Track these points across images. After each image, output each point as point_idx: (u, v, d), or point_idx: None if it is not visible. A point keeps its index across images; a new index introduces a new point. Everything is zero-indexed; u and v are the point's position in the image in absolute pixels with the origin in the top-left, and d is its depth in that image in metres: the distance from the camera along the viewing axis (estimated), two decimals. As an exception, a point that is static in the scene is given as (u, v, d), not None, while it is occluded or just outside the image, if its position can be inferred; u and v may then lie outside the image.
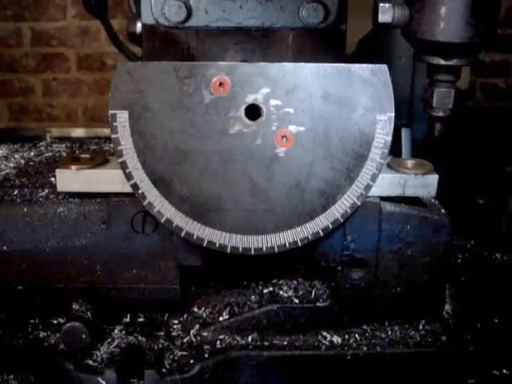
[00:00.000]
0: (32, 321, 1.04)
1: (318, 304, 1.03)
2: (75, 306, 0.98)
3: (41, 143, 1.29)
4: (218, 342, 1.01)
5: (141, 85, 0.87)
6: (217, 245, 0.91)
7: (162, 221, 0.90)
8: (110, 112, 0.87)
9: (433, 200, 1.03)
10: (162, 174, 0.88)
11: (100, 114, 3.77)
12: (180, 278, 1.00)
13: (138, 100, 0.87)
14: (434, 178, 0.98)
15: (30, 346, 1.00)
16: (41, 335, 1.02)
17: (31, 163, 1.15)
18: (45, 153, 1.22)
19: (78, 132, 3.66)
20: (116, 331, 1.03)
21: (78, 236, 0.97)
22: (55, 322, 1.04)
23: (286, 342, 1.01)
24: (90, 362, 0.96)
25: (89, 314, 0.97)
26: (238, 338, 1.01)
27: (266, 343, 1.01)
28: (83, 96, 3.76)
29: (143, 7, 1.16)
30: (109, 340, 1.01)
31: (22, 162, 1.16)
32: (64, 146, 1.28)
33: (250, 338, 1.01)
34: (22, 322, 1.04)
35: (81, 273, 0.99)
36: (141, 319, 1.06)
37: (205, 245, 0.91)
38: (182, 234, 0.90)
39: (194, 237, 0.90)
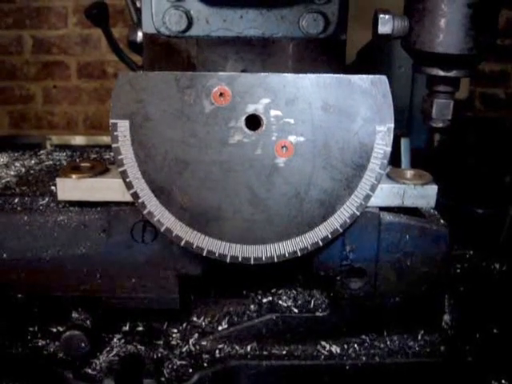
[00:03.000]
0: (31, 329, 1.04)
1: (317, 314, 1.03)
2: (74, 315, 0.98)
3: (41, 151, 1.29)
4: (217, 352, 1.01)
5: (142, 94, 0.87)
6: (216, 254, 0.91)
7: (162, 230, 0.90)
8: (111, 121, 0.87)
9: (432, 210, 1.04)
10: (162, 183, 0.89)
11: (100, 122, 3.79)
12: (179, 287, 1.00)
13: (139, 109, 0.87)
14: (433, 189, 0.98)
15: (28, 355, 1.00)
16: (40, 343, 1.02)
17: (32, 171, 1.15)
18: (45, 161, 1.22)
19: (78, 140, 3.67)
20: (115, 340, 1.03)
21: (78, 244, 0.97)
22: (54, 330, 1.04)
23: (284, 352, 1.01)
24: (89, 371, 0.96)
25: (88, 322, 0.97)
26: (237, 348, 1.01)
27: (265, 353, 1.01)
28: (83, 104, 3.78)
29: (144, 16, 1.17)
30: (108, 349, 1.01)
31: (23, 170, 1.16)
32: (64, 154, 1.28)
33: (248, 348, 1.01)
34: (21, 330, 1.04)
35: (80, 281, 0.99)
36: (140, 328, 1.06)
37: (204, 254, 0.91)
38: (182, 244, 0.90)
39: (194, 246, 0.91)
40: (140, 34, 1.40)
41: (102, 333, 1.03)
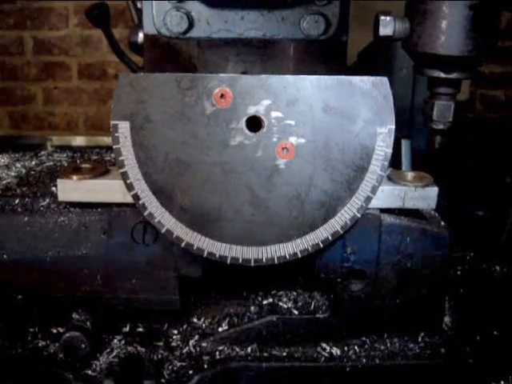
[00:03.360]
0: (31, 330, 1.04)
1: (318, 315, 1.03)
2: (75, 316, 0.98)
3: (42, 152, 1.29)
4: (217, 353, 1.01)
5: (143, 96, 0.87)
6: (217, 256, 0.91)
7: (163, 231, 0.90)
8: (112, 122, 0.87)
9: (432, 212, 1.04)
10: (162, 184, 0.89)
11: (100, 123, 3.79)
12: (179, 288, 1.00)
13: (140, 111, 0.87)
14: (433, 191, 0.98)
15: (29, 356, 1.00)
16: (40, 344, 1.02)
17: (32, 172, 1.15)
18: (46, 162, 1.22)
19: (79, 140, 3.67)
20: (115, 341, 1.03)
21: (79, 246, 0.97)
22: (55, 331, 1.04)
23: (285, 354, 1.01)
24: (89, 372, 0.96)
25: (88, 323, 0.97)
26: (237, 349, 1.01)
27: (266, 354, 1.01)
28: (84, 105, 3.78)
29: (145, 17, 1.16)
30: (108, 350, 1.00)
31: (24, 171, 1.16)
32: (65, 155, 1.28)
33: (249, 349, 1.01)
34: (22, 331, 1.04)
35: (81, 282, 0.99)
36: (140, 329, 1.06)
37: (205, 255, 0.91)
38: (183, 245, 0.90)
39: (194, 247, 0.90)
40: (141, 35, 1.41)
41: (103, 334, 1.03)
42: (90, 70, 3.72)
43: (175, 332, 1.06)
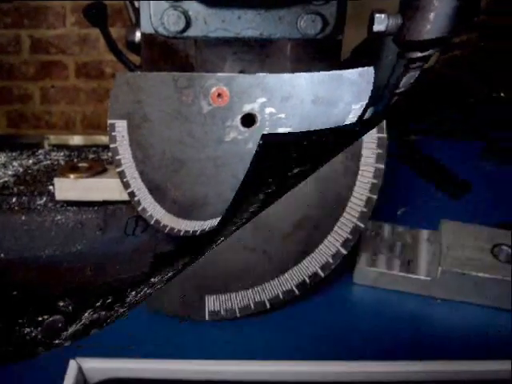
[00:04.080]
0: (20, 321, 1.04)
1: None
2: (60, 303, 0.98)
3: (39, 151, 1.29)
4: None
5: (140, 95, 0.87)
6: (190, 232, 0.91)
7: (152, 222, 0.91)
8: (109, 121, 0.88)
9: None
10: (158, 182, 0.89)
11: (98, 122, 3.78)
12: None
13: (137, 110, 0.87)
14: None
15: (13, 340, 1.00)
16: (25, 331, 1.01)
17: (29, 171, 1.15)
18: (43, 161, 1.22)
19: (76, 139, 3.68)
20: (86, 314, 1.02)
21: (75, 243, 0.97)
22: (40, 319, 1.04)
23: None
24: (56, 342, 0.96)
25: (70, 308, 0.97)
26: None
27: None
28: (81, 104, 3.77)
29: (142, 16, 1.16)
30: (77, 321, 1.00)
31: (21, 169, 1.16)
32: (62, 154, 1.28)
33: None
34: (15, 328, 1.04)
35: (74, 277, 0.99)
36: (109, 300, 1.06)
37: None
38: (166, 231, 0.91)
39: (175, 230, 0.91)
40: (138, 35, 1.40)
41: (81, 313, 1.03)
42: (87, 69, 3.72)
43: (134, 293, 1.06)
